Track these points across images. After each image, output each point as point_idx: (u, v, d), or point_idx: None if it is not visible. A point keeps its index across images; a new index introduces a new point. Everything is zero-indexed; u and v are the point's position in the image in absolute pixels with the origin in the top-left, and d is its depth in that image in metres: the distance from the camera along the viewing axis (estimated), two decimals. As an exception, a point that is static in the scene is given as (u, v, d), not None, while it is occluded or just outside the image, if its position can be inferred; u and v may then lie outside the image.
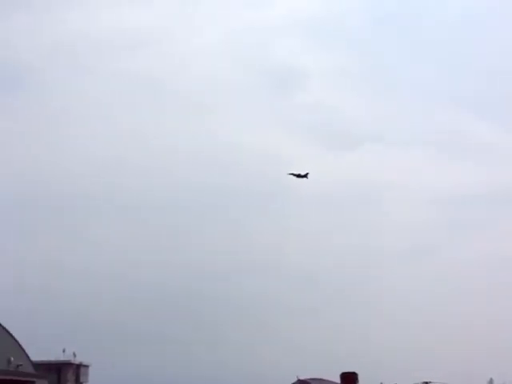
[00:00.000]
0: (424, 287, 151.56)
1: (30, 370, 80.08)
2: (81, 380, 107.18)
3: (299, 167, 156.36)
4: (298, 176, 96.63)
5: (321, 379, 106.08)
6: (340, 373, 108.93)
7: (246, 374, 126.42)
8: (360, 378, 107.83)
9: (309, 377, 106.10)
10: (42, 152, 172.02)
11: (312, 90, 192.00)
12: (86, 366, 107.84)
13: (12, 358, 76.25)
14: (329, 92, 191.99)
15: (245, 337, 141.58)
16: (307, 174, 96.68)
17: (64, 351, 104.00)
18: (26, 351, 79.98)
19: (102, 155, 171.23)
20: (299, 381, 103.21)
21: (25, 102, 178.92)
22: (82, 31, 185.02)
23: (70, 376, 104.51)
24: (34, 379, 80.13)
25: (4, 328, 76.37)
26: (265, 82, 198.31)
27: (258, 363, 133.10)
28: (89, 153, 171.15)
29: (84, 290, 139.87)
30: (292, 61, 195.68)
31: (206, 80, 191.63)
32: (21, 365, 77.33)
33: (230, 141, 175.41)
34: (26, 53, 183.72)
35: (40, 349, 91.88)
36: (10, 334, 77.32)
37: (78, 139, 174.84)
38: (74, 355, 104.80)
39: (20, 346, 78.72)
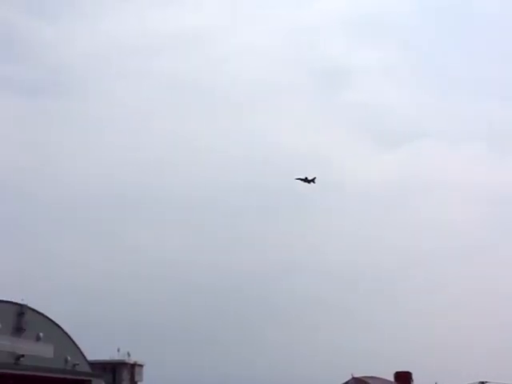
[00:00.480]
0: (475, 287, 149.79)
1: (87, 369, 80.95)
2: (136, 379, 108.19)
3: (348, 165, 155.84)
4: (305, 180, 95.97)
5: (376, 377, 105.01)
6: (394, 372, 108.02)
7: (299, 373, 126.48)
8: (414, 377, 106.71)
9: (363, 375, 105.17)
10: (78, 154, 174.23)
11: (360, 89, 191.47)
12: (141, 366, 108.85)
13: (69, 358, 77.09)
14: (377, 90, 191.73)
15: (297, 336, 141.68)
16: (314, 178, 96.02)
17: (119, 351, 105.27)
18: (82, 351, 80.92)
19: (144, 157, 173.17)
20: (354, 379, 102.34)
21: (64, 106, 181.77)
22: (124, 35, 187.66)
23: (125, 375, 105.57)
24: (91, 378, 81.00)
25: (61, 328, 77.29)
26: (313, 81, 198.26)
27: (311, 362, 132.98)
28: (134, 154, 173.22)
29: (136, 291, 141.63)
30: (340, 59, 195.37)
31: (253, 80, 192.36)
32: (77, 364, 78.14)
33: (276, 141, 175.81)
34: (67, 58, 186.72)
35: (95, 348, 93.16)
36: (67, 334, 78.22)
37: (118, 142, 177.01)
38: (129, 355, 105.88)
39: (76, 345, 79.51)
